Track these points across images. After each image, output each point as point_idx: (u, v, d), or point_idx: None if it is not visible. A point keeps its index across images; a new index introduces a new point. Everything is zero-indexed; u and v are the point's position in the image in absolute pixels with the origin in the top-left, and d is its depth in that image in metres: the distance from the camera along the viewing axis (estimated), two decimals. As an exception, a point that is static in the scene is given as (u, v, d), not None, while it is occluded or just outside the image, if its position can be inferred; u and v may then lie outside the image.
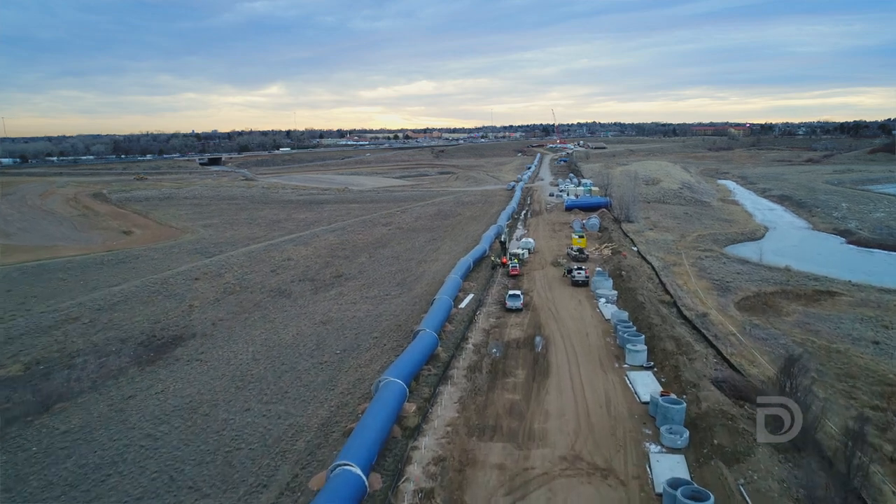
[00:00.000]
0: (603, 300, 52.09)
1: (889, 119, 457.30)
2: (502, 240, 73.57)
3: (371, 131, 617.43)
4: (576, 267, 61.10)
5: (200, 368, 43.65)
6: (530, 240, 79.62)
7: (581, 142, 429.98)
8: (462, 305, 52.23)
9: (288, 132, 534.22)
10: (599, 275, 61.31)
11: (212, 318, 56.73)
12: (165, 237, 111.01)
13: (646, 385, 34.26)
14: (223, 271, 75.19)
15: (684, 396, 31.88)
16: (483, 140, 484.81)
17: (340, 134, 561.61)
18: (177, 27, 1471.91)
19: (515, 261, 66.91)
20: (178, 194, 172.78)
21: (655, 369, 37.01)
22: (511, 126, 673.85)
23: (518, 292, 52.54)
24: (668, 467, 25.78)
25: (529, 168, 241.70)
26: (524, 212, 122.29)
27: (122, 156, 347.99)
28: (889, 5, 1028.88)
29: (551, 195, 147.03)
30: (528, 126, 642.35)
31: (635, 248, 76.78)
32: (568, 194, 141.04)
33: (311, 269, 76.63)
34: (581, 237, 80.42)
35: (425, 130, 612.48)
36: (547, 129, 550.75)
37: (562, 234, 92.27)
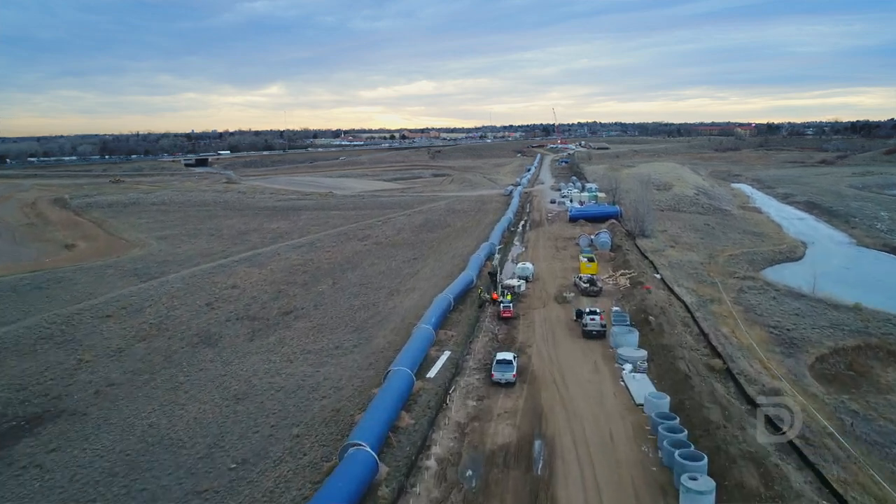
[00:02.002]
0: (629, 367, 37.31)
1: (888, 119, 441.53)
2: (493, 268, 58.35)
3: (370, 131, 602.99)
4: (587, 310, 46.22)
5: (29, 487, 29.01)
6: (528, 265, 64.70)
7: (583, 142, 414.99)
8: (431, 374, 37.46)
9: (281, 132, 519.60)
10: (618, 318, 46.62)
11: (99, 383, 42.10)
12: (110, 252, 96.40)
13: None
14: (146, 305, 60.47)
15: None
16: (481, 140, 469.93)
17: (335, 134, 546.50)
18: (177, 27, 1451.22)
19: (508, 297, 52.04)
20: (145, 200, 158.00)
21: (733, 527, 22.39)
22: (511, 126, 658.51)
23: (510, 357, 37.59)
24: None
25: (529, 170, 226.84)
26: (522, 223, 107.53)
27: (107, 156, 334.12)
28: (889, 5, 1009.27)
29: (553, 202, 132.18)
30: (528, 126, 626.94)
31: (658, 276, 62.06)
32: (571, 201, 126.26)
33: (257, 301, 61.94)
34: (591, 261, 65.70)
35: (423, 130, 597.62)
36: (547, 129, 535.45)
37: (566, 254, 77.47)
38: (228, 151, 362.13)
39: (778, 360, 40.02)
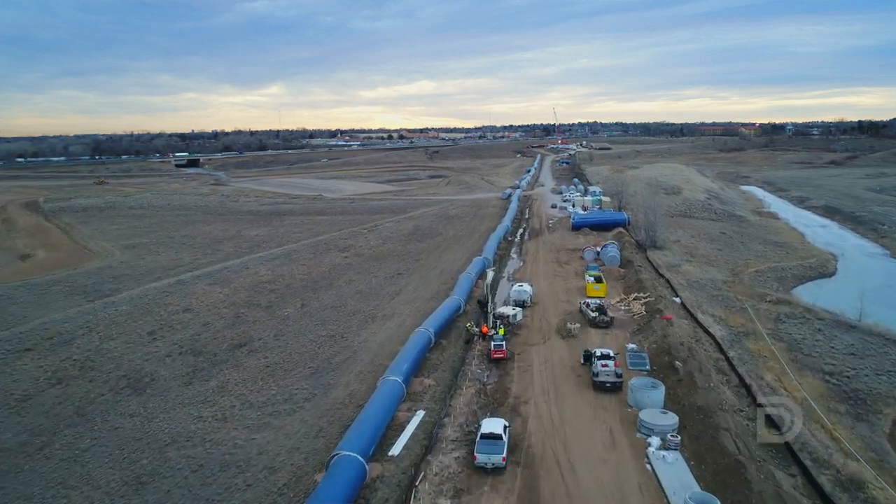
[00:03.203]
0: (655, 442, 28.30)
1: (893, 118, 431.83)
2: (482, 296, 48.78)
3: (370, 131, 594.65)
4: (598, 353, 37.21)
5: None
6: (526, 286, 55.58)
7: (584, 142, 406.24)
8: (395, 451, 28.47)
9: (278, 132, 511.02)
10: (635, 360, 37.86)
11: (-18, 448, 33.25)
12: (68, 263, 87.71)
13: None
14: (79, 333, 51.61)
15: None
16: (481, 140, 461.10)
17: (332, 134, 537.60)
18: (177, 27, 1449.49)
19: (501, 332, 43.04)
20: (122, 203, 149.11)
21: None
22: (511, 126, 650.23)
23: (499, 429, 28.35)
24: None
25: (529, 171, 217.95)
26: (520, 231, 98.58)
27: (98, 157, 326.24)
28: (889, 5, 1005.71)
29: (553, 206, 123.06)
30: (528, 126, 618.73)
31: (678, 299, 53.06)
32: (574, 206, 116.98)
33: (209, 329, 53.05)
34: (598, 280, 56.80)
35: (422, 130, 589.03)
36: (547, 129, 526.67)
37: (569, 269, 68.49)
38: (201, 154, 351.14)
39: (847, 425, 31.10)
